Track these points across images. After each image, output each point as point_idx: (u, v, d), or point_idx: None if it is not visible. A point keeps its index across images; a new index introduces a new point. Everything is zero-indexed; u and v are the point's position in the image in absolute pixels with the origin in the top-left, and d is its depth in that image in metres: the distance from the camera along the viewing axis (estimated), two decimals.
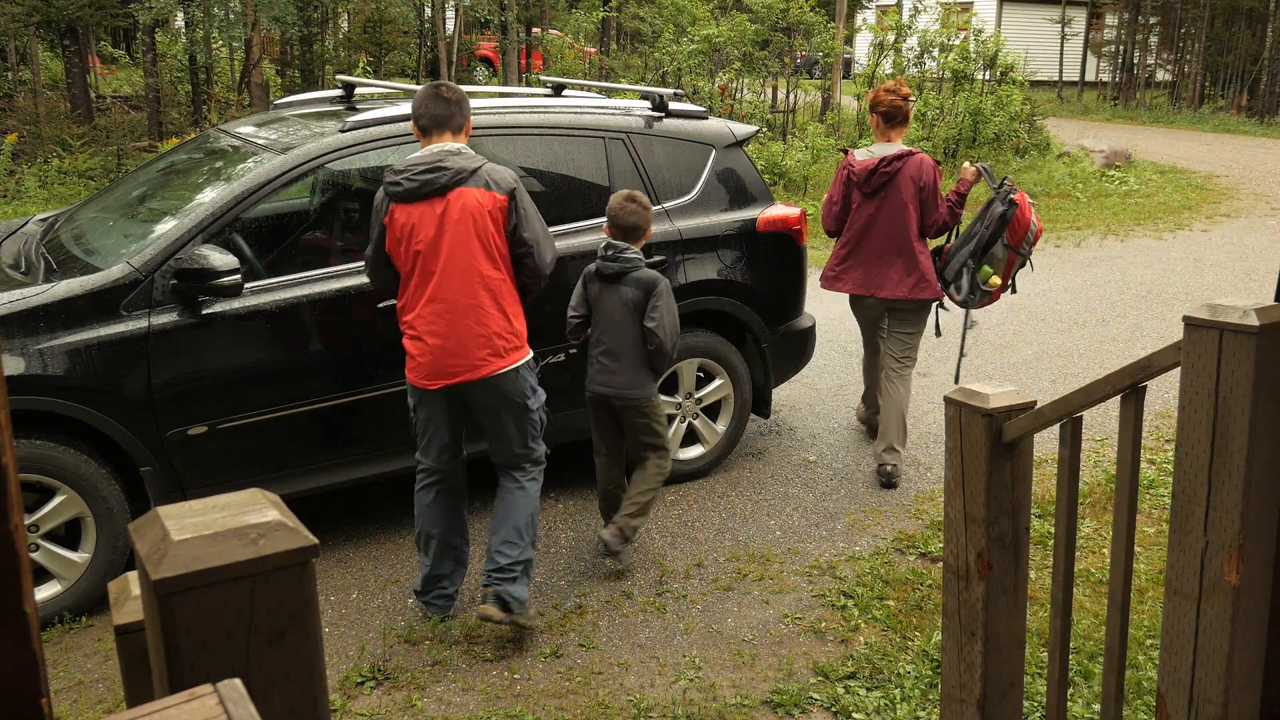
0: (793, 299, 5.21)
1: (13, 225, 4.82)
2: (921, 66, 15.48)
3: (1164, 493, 4.83)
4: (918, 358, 5.29)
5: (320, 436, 4.11)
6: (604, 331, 4.01)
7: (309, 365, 4.05)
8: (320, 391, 4.05)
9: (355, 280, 4.07)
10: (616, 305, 3.97)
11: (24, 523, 0.93)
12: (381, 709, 3.32)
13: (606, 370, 4.01)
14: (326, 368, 4.08)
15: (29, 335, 3.57)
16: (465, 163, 3.44)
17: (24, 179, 10.14)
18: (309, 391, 4.03)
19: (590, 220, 4.58)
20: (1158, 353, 2.05)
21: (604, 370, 4.01)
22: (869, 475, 5.08)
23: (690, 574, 4.15)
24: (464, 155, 3.46)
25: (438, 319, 3.45)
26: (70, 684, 3.42)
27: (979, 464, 2.34)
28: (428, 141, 3.53)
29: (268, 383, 3.95)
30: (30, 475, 3.55)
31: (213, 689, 0.92)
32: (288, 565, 1.02)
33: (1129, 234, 11.23)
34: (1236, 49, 25.72)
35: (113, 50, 19.74)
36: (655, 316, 3.94)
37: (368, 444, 4.21)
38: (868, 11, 28.25)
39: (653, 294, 3.96)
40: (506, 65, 15.87)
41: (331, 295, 4.03)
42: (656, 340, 3.95)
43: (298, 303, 3.97)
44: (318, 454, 4.12)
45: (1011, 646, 2.44)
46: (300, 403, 4.01)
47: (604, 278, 3.99)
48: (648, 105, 4.99)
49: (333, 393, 4.07)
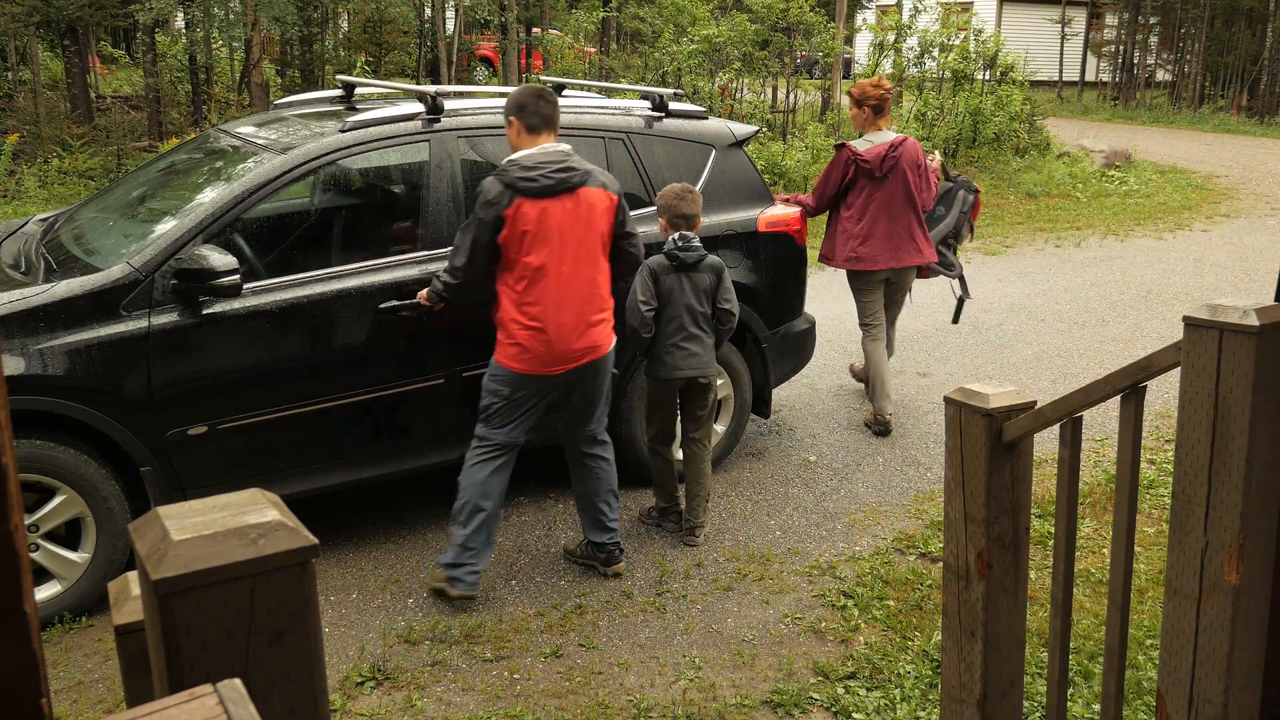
0: (793, 299, 5.21)
1: (13, 225, 4.82)
2: (921, 66, 15.47)
3: (1164, 493, 4.83)
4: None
5: (321, 437, 4.11)
6: (680, 318, 4.19)
7: (309, 366, 4.04)
8: (321, 392, 4.05)
9: (356, 280, 4.07)
10: (692, 292, 4.19)
11: (24, 523, 0.93)
12: (381, 709, 3.32)
13: (690, 354, 4.21)
14: (327, 368, 4.07)
15: (29, 335, 3.57)
16: (584, 164, 3.78)
17: (24, 179, 10.14)
18: (310, 391, 4.03)
19: None
20: (1158, 353, 2.05)
21: (689, 355, 4.21)
22: (869, 475, 5.08)
23: (690, 574, 4.15)
24: (578, 157, 3.78)
25: (566, 308, 3.74)
26: (70, 684, 3.42)
27: (979, 464, 2.34)
28: (534, 140, 3.76)
29: (268, 383, 3.95)
30: (30, 475, 3.54)
31: (213, 689, 0.92)
32: (288, 565, 1.02)
33: (1129, 234, 11.23)
34: (1236, 49, 25.71)
35: (113, 50, 19.73)
36: (729, 298, 4.29)
37: (370, 444, 4.21)
38: (868, 11, 28.25)
39: (722, 277, 4.27)
40: (506, 65, 15.86)
41: (332, 295, 4.03)
42: (731, 320, 4.31)
43: (298, 303, 3.96)
44: (319, 454, 4.12)
45: (1011, 646, 2.44)
46: (301, 403, 4.01)
47: (680, 267, 4.18)
48: (648, 105, 4.99)
49: (334, 393, 4.07)
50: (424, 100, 4.37)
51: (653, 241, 4.53)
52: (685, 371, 4.22)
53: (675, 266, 4.16)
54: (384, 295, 4.07)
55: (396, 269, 4.15)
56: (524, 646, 3.64)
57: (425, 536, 4.41)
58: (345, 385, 4.08)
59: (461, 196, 4.29)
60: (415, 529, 4.47)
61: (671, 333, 4.19)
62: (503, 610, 3.87)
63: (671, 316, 4.18)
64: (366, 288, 4.03)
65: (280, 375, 3.97)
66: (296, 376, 4.00)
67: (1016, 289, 8.72)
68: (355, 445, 4.19)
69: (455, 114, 4.38)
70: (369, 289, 4.03)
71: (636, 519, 4.58)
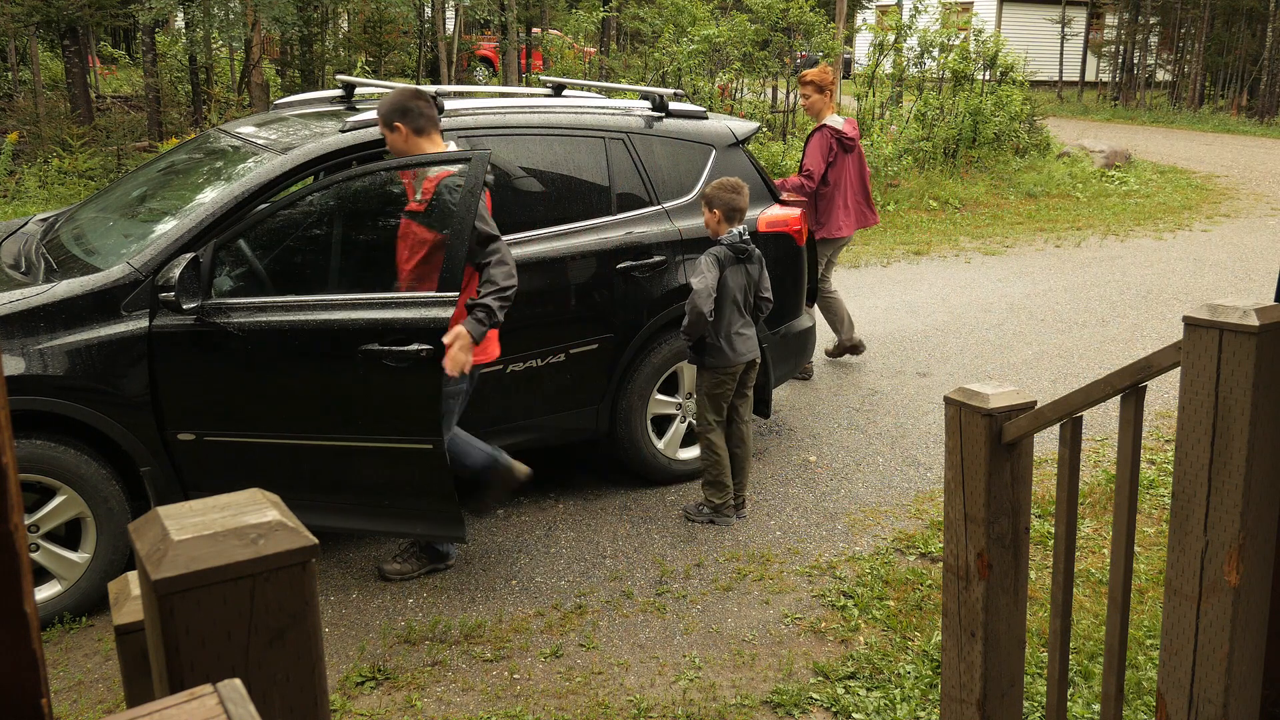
0: (793, 299, 5.21)
1: (13, 225, 4.81)
2: (921, 66, 15.47)
3: (1164, 493, 4.83)
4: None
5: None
6: (734, 306, 4.40)
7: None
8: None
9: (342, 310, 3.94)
10: (744, 280, 4.43)
11: (24, 523, 0.93)
12: (381, 709, 3.31)
13: (748, 339, 4.48)
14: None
15: (29, 335, 3.57)
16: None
17: (24, 179, 10.14)
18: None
19: (590, 220, 4.58)
20: (1158, 353, 2.05)
21: (746, 340, 4.47)
22: (869, 475, 5.09)
23: (690, 574, 4.15)
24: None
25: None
26: (70, 684, 3.42)
27: (979, 464, 2.34)
28: (428, 144, 3.84)
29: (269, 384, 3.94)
30: (30, 475, 3.54)
31: (213, 689, 0.92)
32: (288, 565, 1.02)
33: (1129, 234, 11.23)
34: (1236, 49, 25.72)
35: (113, 50, 19.74)
36: (768, 287, 4.54)
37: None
38: (868, 11, 28.25)
39: (764, 267, 4.51)
40: (506, 65, 15.86)
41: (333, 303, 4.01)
42: (769, 307, 4.58)
43: (292, 307, 3.95)
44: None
45: (1011, 646, 2.44)
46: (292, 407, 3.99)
47: (742, 258, 4.39)
48: (648, 105, 4.99)
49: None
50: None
51: (662, 241, 4.55)
52: (746, 356, 4.46)
53: (738, 258, 4.37)
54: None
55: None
56: (524, 646, 3.64)
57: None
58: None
59: None
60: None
61: (730, 321, 4.39)
62: (503, 610, 3.87)
63: (726, 305, 4.37)
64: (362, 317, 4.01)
65: (283, 377, 3.95)
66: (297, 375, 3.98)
67: (1016, 289, 8.72)
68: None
69: (455, 114, 4.38)
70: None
71: (681, 518, 4.59)
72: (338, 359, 3.72)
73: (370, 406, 3.74)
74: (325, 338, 3.71)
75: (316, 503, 3.86)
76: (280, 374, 3.79)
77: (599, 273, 4.55)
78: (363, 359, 3.65)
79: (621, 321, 4.60)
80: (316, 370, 3.79)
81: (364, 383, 3.71)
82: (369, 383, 3.70)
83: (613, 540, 4.41)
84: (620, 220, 4.64)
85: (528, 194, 4.52)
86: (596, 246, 4.54)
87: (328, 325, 3.70)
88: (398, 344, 3.62)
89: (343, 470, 3.85)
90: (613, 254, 4.57)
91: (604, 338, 4.57)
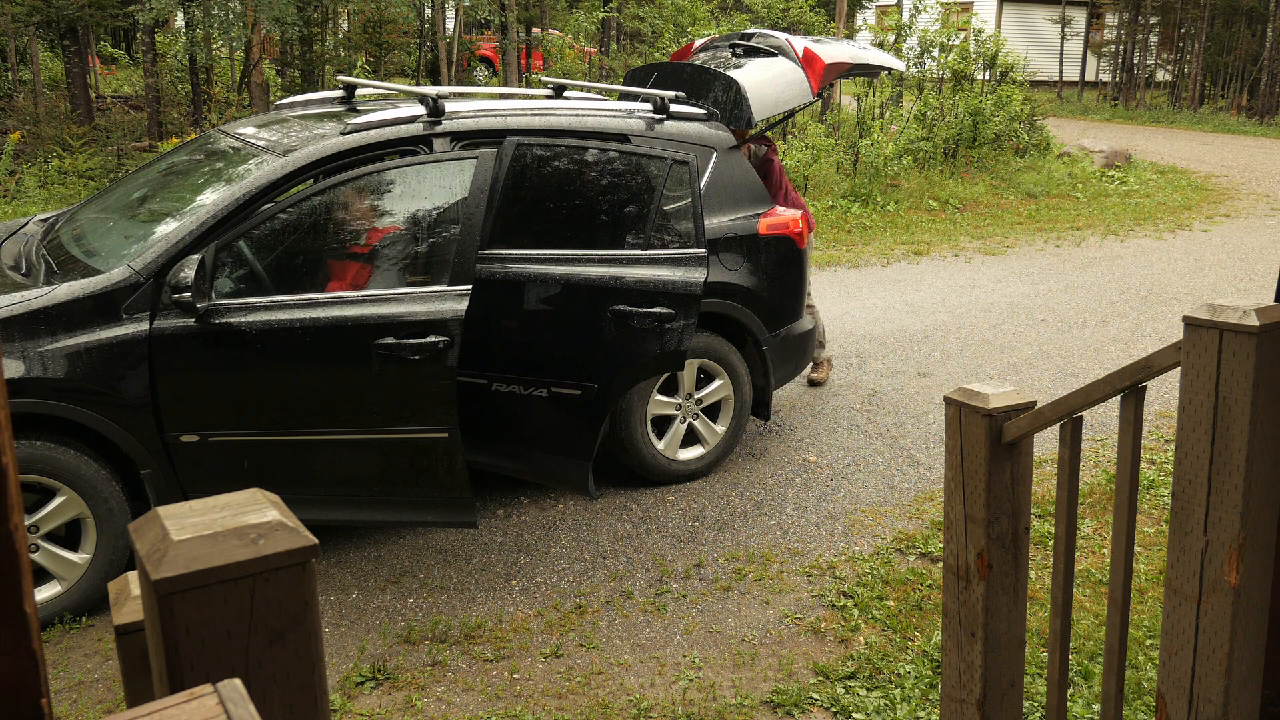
0: (793, 302, 5.21)
1: (13, 225, 4.81)
2: (921, 66, 15.48)
3: (1164, 493, 4.83)
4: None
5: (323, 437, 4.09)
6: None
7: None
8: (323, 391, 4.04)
9: (354, 311, 4.05)
10: None
11: (24, 523, 0.93)
12: (381, 709, 3.32)
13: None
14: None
15: (30, 338, 3.56)
16: None
17: (24, 179, 10.14)
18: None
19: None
20: (1158, 353, 2.05)
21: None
22: (869, 475, 5.09)
23: (690, 574, 4.15)
24: None
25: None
26: (70, 684, 3.42)
27: (979, 464, 2.34)
28: None
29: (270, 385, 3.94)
30: (30, 476, 3.54)
31: (213, 689, 0.92)
32: (288, 565, 1.02)
33: (1129, 234, 11.23)
34: (1236, 49, 25.72)
35: (113, 50, 19.74)
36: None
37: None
38: (868, 11, 28.24)
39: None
40: (506, 65, 15.86)
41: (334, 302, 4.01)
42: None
43: (302, 304, 3.95)
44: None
45: (1011, 646, 2.44)
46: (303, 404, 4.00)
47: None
48: (649, 107, 4.98)
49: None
50: (425, 102, 4.36)
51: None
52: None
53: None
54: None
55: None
56: (524, 646, 3.64)
57: (426, 536, 4.41)
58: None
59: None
60: (416, 529, 4.47)
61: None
62: (503, 610, 3.87)
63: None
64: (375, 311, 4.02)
65: (285, 378, 3.96)
66: (298, 375, 3.99)
67: (1016, 289, 8.72)
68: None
69: (456, 116, 4.38)
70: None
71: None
72: (351, 354, 3.83)
73: (385, 399, 3.86)
74: (338, 334, 3.81)
75: (326, 498, 3.96)
76: (291, 371, 3.85)
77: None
78: (378, 353, 3.78)
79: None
80: (330, 366, 3.87)
81: (378, 376, 3.83)
82: (383, 376, 3.82)
83: (613, 540, 4.41)
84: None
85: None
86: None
87: (340, 321, 3.81)
88: (413, 337, 3.78)
89: (356, 463, 3.94)
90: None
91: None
